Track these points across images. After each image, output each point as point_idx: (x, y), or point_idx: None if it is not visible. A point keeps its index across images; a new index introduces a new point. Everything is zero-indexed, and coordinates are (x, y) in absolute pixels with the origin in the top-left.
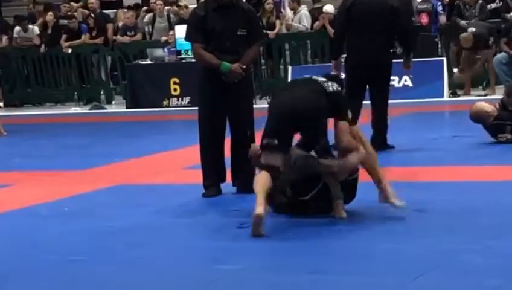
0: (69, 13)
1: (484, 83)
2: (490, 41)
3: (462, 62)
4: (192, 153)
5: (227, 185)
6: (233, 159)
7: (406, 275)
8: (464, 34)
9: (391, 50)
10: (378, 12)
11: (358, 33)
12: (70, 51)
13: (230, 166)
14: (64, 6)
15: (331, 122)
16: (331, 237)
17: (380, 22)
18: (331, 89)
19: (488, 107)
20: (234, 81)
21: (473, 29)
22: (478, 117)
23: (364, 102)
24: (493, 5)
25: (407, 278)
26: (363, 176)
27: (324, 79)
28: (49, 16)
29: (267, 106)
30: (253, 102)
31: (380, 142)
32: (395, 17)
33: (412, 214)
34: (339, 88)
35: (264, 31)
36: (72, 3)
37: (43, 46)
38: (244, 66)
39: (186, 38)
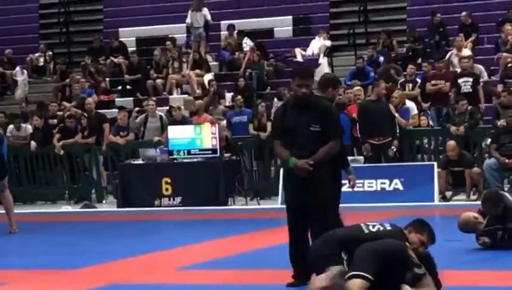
0: (63, 113)
1: (474, 188)
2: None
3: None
4: (185, 253)
5: None
6: None
7: None
8: (450, 142)
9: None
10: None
11: None
12: (62, 152)
13: None
14: (55, 106)
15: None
16: None
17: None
18: None
19: (475, 216)
20: (303, 175)
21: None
22: (468, 227)
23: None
24: None
25: None
26: None
27: None
28: (35, 121)
29: (257, 206)
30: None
31: None
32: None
33: None
34: None
35: (256, 132)
36: (65, 102)
37: (34, 144)
38: (312, 162)
39: (271, 136)
